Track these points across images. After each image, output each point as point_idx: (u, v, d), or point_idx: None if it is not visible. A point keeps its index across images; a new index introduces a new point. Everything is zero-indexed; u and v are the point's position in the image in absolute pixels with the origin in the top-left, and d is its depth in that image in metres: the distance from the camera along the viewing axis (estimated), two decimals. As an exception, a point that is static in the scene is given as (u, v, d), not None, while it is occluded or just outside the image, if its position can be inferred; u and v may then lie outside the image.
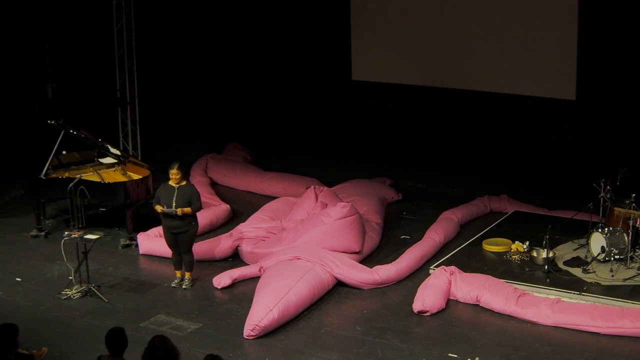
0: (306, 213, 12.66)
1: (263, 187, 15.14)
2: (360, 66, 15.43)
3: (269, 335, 9.84)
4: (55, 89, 17.17)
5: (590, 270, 11.04)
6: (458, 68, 14.49)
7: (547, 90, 13.77)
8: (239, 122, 16.98)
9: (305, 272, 10.79)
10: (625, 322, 9.68)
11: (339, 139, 15.92)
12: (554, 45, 13.54)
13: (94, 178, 12.86)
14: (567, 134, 13.90)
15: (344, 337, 9.93)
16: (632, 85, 13.10)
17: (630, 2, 12.79)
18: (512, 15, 13.84)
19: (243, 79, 16.65)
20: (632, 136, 13.22)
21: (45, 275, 11.59)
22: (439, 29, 14.48)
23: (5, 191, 15.03)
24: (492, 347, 9.53)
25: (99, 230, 11.56)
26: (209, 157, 16.17)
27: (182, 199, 10.80)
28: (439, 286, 10.67)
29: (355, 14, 15.22)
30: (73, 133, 13.02)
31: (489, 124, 14.57)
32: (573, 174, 13.78)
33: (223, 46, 16.58)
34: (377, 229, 12.79)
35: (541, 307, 10.08)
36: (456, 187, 14.86)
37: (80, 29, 16.90)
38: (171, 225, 10.93)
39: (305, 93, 16.11)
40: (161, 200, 10.89)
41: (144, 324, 10.15)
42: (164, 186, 11.00)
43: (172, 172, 10.87)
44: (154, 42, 16.86)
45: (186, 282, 11.21)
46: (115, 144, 15.71)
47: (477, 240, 12.41)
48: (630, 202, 11.30)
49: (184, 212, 10.78)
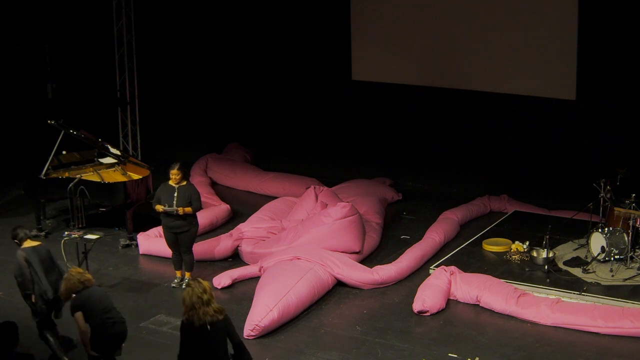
0: (306, 213, 12.67)
1: (263, 187, 15.14)
2: (360, 66, 15.43)
3: (269, 335, 9.84)
4: (55, 89, 17.18)
5: (590, 270, 11.04)
6: (458, 68, 14.49)
7: (547, 90, 13.77)
8: (239, 122, 16.98)
9: (305, 272, 10.79)
10: (625, 322, 9.68)
11: (339, 139, 15.92)
12: (554, 45, 13.54)
13: (94, 178, 12.87)
14: (567, 134, 13.90)
15: (344, 337, 9.93)
16: (632, 85, 13.10)
17: (630, 2, 12.79)
18: (512, 15, 13.84)
19: (243, 79, 16.65)
20: (632, 136, 13.22)
21: (45, 275, 11.58)
22: (439, 29, 14.49)
23: (5, 191, 15.03)
24: (492, 347, 9.53)
25: (99, 230, 11.56)
26: (209, 157, 16.18)
27: (182, 199, 10.81)
28: (439, 286, 10.67)
29: (355, 14, 15.22)
30: (73, 133, 13.02)
31: (489, 124, 14.58)
32: (573, 174, 13.79)
33: (223, 46, 16.58)
34: (377, 229, 12.79)
35: (541, 307, 10.08)
36: (456, 187, 14.87)
37: (80, 29, 16.91)
38: (172, 225, 10.94)
39: (305, 93, 16.11)
40: (162, 199, 10.90)
41: (144, 324, 10.15)
42: (164, 186, 11.01)
43: (172, 172, 10.88)
44: (154, 42, 16.86)
45: (186, 282, 11.20)
46: (115, 144, 15.71)
47: (477, 240, 12.41)
48: (630, 202, 11.30)
49: (185, 211, 10.79)
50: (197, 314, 7.08)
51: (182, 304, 7.20)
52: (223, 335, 7.21)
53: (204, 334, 7.09)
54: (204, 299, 7.09)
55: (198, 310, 7.08)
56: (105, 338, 8.10)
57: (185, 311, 7.16)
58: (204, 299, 7.09)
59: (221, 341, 7.20)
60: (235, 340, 7.34)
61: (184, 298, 7.17)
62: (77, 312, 8.02)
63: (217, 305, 7.20)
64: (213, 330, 7.11)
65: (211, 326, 7.10)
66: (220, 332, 7.18)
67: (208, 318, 7.09)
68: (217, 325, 7.14)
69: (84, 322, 8.05)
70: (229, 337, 7.30)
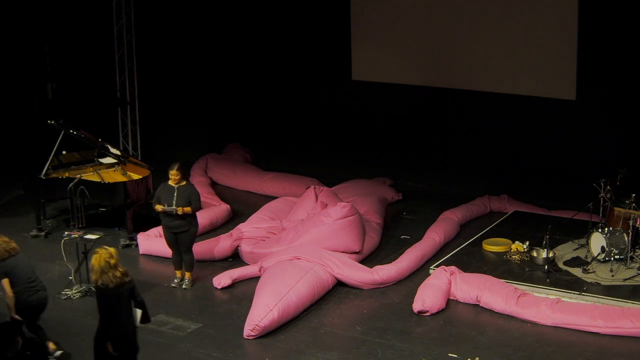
0: (306, 213, 12.67)
1: (263, 187, 15.15)
2: (360, 66, 15.44)
3: (269, 335, 9.84)
4: (55, 89, 17.17)
5: (590, 270, 11.04)
6: (458, 68, 14.49)
7: (547, 90, 13.78)
8: (239, 122, 16.98)
9: (305, 272, 10.79)
10: (625, 322, 9.67)
11: (339, 139, 15.92)
12: (554, 45, 13.54)
13: (94, 178, 12.87)
14: (567, 134, 13.90)
15: (344, 337, 9.93)
16: (632, 85, 13.10)
17: (630, 2, 12.79)
18: (512, 15, 13.84)
19: (243, 79, 16.65)
20: (632, 136, 13.22)
21: (45, 275, 11.54)
22: (439, 29, 14.49)
23: (5, 191, 15.03)
24: (492, 347, 9.53)
25: (99, 230, 11.56)
26: (209, 157, 16.18)
27: (182, 199, 10.82)
28: (439, 286, 10.67)
29: (355, 14, 15.22)
30: (73, 133, 13.02)
31: (489, 124, 14.58)
32: (573, 174, 13.78)
33: (223, 46, 16.59)
34: (377, 229, 12.79)
35: (541, 307, 10.08)
36: (456, 187, 14.87)
37: (80, 29, 16.91)
38: (171, 225, 10.94)
39: (305, 93, 16.11)
40: (161, 199, 10.91)
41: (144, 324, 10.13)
42: (163, 186, 11.02)
43: (171, 172, 10.89)
44: (154, 42, 16.86)
45: (186, 282, 11.22)
46: (115, 144, 15.71)
47: (477, 240, 12.41)
48: (630, 202, 11.29)
49: (184, 211, 10.79)
50: (108, 277, 7.85)
51: (91, 271, 8.02)
52: (129, 294, 8.07)
53: (116, 294, 7.91)
54: (111, 263, 7.89)
55: (108, 273, 7.86)
56: (28, 304, 8.86)
57: (96, 277, 7.90)
58: (111, 263, 7.89)
59: (128, 300, 8.07)
60: (139, 298, 8.20)
61: (93, 264, 7.93)
62: (4, 278, 8.73)
63: (123, 269, 8.01)
64: (121, 291, 7.95)
65: (120, 287, 7.91)
66: (127, 292, 8.01)
67: (117, 280, 7.89)
68: (124, 287, 7.96)
69: (10, 288, 8.74)
70: (132, 297, 8.11)
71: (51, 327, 10.05)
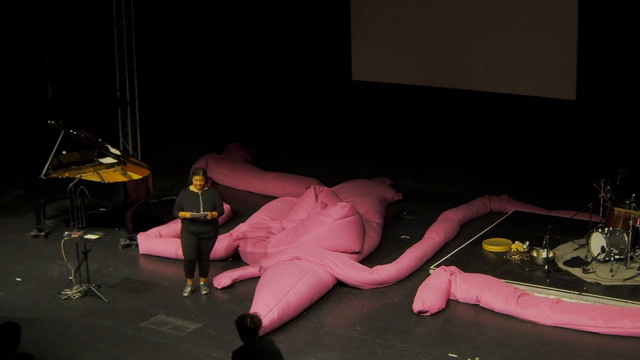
0: (306, 213, 12.67)
1: (263, 187, 15.15)
2: (360, 66, 15.44)
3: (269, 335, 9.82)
4: (55, 89, 17.17)
5: (590, 270, 11.04)
6: (458, 68, 14.49)
7: (547, 90, 13.78)
8: (239, 122, 16.98)
9: (305, 272, 10.79)
10: (625, 322, 9.67)
11: (339, 139, 15.93)
12: (554, 45, 13.55)
13: (94, 178, 12.86)
14: (567, 134, 13.90)
15: (343, 337, 9.93)
16: (632, 85, 13.10)
17: (630, 2, 12.79)
18: (512, 15, 13.84)
19: (243, 79, 16.65)
20: (632, 136, 13.22)
21: (45, 275, 11.59)
22: (439, 29, 14.49)
23: (5, 191, 15.03)
24: (492, 347, 9.53)
25: (99, 230, 11.55)
26: (209, 157, 16.18)
27: (207, 204, 10.67)
28: (439, 286, 10.67)
29: (355, 14, 15.23)
30: (73, 133, 13.02)
31: (489, 124, 14.58)
32: (573, 174, 13.78)
33: (223, 46, 16.59)
34: (377, 229, 12.79)
35: (541, 307, 10.08)
36: (456, 187, 14.87)
37: (80, 29, 16.90)
38: (199, 232, 10.73)
39: (305, 93, 16.11)
40: (185, 207, 10.68)
41: (144, 324, 10.14)
42: (185, 193, 10.78)
43: (196, 178, 10.66)
44: (154, 42, 16.86)
45: (204, 287, 11.06)
46: (115, 144, 15.71)
47: (477, 240, 12.41)
48: (630, 202, 11.29)
49: (212, 216, 10.67)
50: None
51: None
52: None
53: None
54: None
55: None
56: None
57: None
58: None
59: None
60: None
61: None
62: None
63: None
64: None
65: None
66: None
67: None
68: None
69: None
70: None
71: (51, 327, 10.08)
